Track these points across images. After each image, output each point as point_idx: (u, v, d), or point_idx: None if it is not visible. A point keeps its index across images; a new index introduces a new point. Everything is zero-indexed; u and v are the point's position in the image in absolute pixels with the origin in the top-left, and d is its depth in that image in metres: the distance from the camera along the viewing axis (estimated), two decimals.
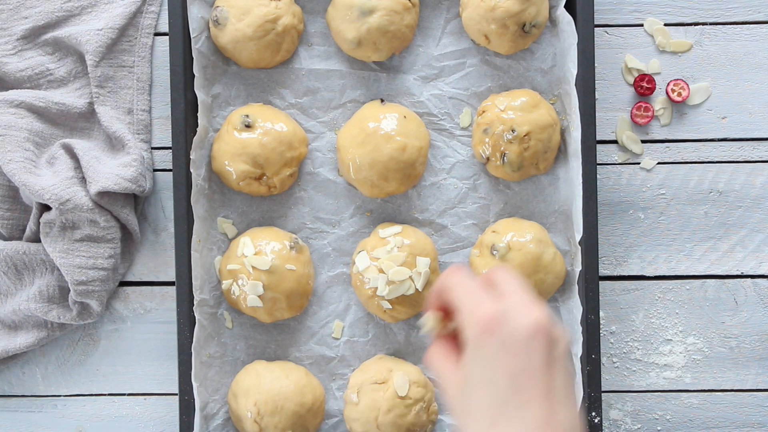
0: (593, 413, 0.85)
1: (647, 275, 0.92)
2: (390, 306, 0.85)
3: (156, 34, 0.93)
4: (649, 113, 0.92)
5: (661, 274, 0.92)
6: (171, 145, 0.87)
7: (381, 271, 0.84)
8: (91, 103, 0.92)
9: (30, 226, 0.90)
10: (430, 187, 0.89)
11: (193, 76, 0.86)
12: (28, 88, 0.92)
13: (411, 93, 0.90)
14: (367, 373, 0.86)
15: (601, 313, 0.92)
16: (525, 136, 0.85)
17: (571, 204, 0.87)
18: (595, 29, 0.90)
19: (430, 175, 0.89)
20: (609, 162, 0.92)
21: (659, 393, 0.92)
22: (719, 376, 0.92)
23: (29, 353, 0.92)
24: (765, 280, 0.92)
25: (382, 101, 0.89)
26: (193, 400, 0.85)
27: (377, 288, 0.84)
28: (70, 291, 0.88)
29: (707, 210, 0.92)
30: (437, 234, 0.89)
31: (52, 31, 0.92)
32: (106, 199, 0.87)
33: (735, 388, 0.92)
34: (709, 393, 0.92)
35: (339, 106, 0.90)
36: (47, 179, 0.86)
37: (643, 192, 0.92)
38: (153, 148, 0.93)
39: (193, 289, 0.86)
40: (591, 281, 0.85)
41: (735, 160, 0.92)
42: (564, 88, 0.87)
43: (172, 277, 0.92)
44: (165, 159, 0.93)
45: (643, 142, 0.92)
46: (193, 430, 0.85)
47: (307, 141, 0.89)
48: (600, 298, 0.87)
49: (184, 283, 0.86)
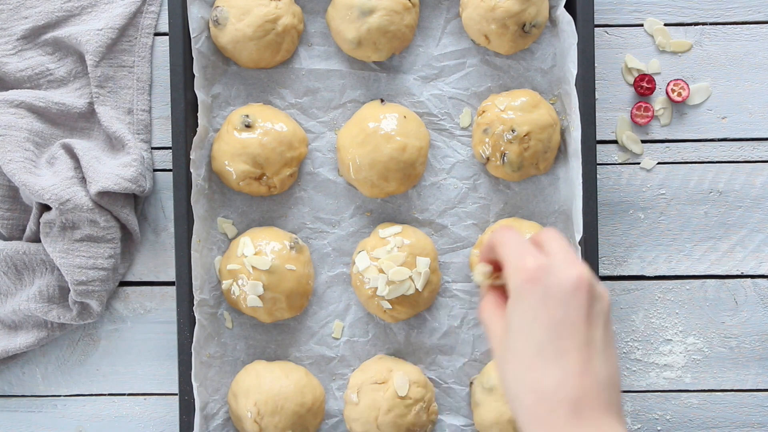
0: None
1: (647, 275, 0.92)
2: (390, 306, 0.85)
3: (156, 34, 0.93)
4: (649, 113, 0.92)
5: (661, 274, 0.92)
6: (171, 145, 0.87)
7: (381, 271, 0.84)
8: (91, 103, 0.92)
9: (30, 226, 0.90)
10: (430, 187, 0.89)
11: (193, 76, 0.86)
12: (28, 88, 0.92)
13: (411, 93, 0.90)
14: (367, 373, 0.86)
15: None
16: (525, 136, 0.85)
17: (571, 204, 0.87)
18: (595, 29, 0.90)
19: (430, 175, 0.89)
20: (609, 162, 0.92)
21: (659, 393, 0.92)
22: (719, 376, 0.92)
23: (29, 353, 0.92)
24: (765, 280, 0.92)
25: (382, 101, 0.89)
26: (193, 400, 0.85)
27: (377, 288, 0.84)
28: (70, 291, 0.88)
29: (707, 210, 0.92)
30: (437, 234, 0.89)
31: (52, 31, 0.92)
32: (106, 199, 0.87)
33: (735, 388, 0.92)
34: (709, 393, 0.92)
35: (339, 106, 0.90)
36: (47, 179, 0.86)
37: (643, 192, 0.92)
38: (153, 148, 0.93)
39: (193, 289, 0.86)
40: None
41: (735, 160, 0.92)
42: (564, 88, 0.87)
43: (172, 277, 0.92)
44: (165, 159, 0.93)
45: (643, 142, 0.92)
46: (193, 430, 0.85)
47: (307, 141, 0.89)
48: None
49: (184, 283, 0.86)
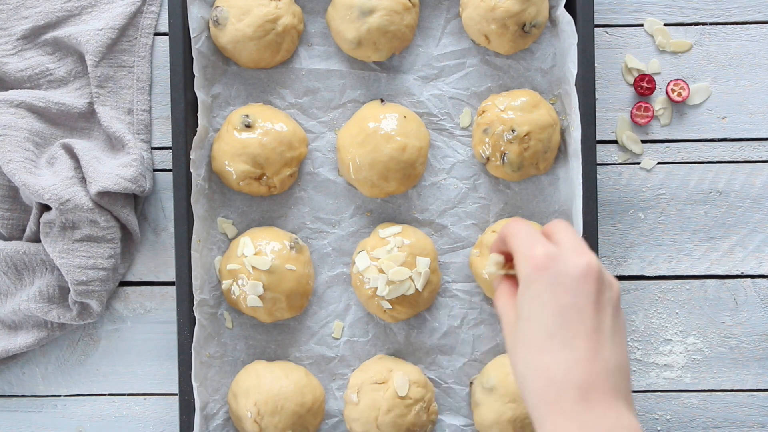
0: None
1: (647, 275, 0.92)
2: (390, 306, 0.85)
3: (156, 34, 0.93)
4: (649, 113, 0.92)
5: (661, 274, 0.92)
6: (171, 145, 0.87)
7: (381, 271, 0.84)
8: (91, 103, 0.92)
9: (30, 226, 0.90)
10: (430, 187, 0.89)
11: (193, 76, 0.86)
12: (28, 88, 0.92)
13: (411, 93, 0.90)
14: (367, 373, 0.86)
15: None
16: (525, 136, 0.85)
17: (571, 204, 0.87)
18: (595, 29, 0.90)
19: (430, 175, 0.89)
20: (609, 162, 0.92)
21: (659, 393, 0.92)
22: (719, 376, 0.92)
23: (29, 353, 0.92)
24: (765, 280, 0.92)
25: (382, 101, 0.89)
26: (193, 400, 0.85)
27: (377, 288, 0.84)
28: (70, 291, 0.88)
29: (707, 210, 0.92)
30: (437, 234, 0.89)
31: (52, 31, 0.92)
32: (106, 199, 0.87)
33: (735, 388, 0.92)
34: (709, 393, 0.92)
35: (339, 106, 0.90)
36: (47, 179, 0.86)
37: (643, 192, 0.92)
38: (153, 148, 0.93)
39: (193, 289, 0.86)
40: None
41: (735, 160, 0.92)
42: (564, 88, 0.87)
43: (172, 277, 0.92)
44: (165, 159, 0.93)
45: (643, 142, 0.92)
46: (193, 430, 0.85)
47: (307, 141, 0.89)
48: None
49: (184, 283, 0.86)
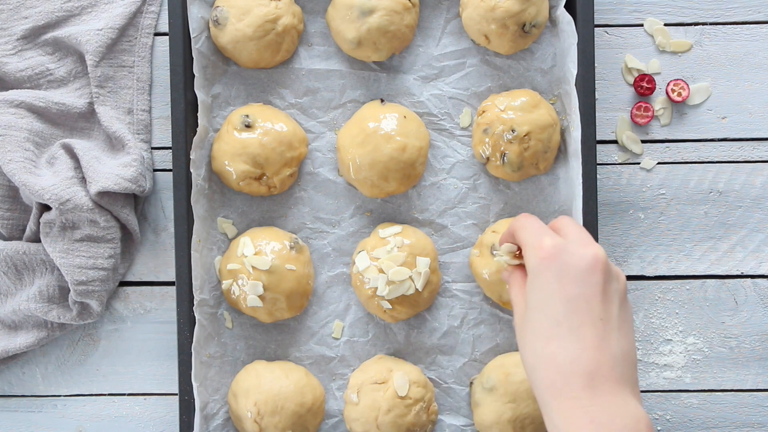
0: None
1: (647, 275, 0.92)
2: (390, 306, 0.85)
3: (156, 34, 0.93)
4: (649, 113, 0.92)
5: (661, 274, 0.92)
6: (171, 145, 0.87)
7: (381, 271, 0.84)
8: (91, 103, 0.92)
9: (30, 226, 0.90)
10: (430, 187, 0.89)
11: (193, 76, 0.86)
12: (28, 88, 0.92)
13: (411, 93, 0.90)
14: (367, 373, 0.86)
15: None
16: (525, 136, 0.85)
17: (571, 204, 0.87)
18: (595, 29, 0.90)
19: (430, 175, 0.89)
20: (609, 162, 0.92)
21: (659, 393, 0.92)
22: (719, 376, 0.92)
23: (29, 353, 0.92)
24: (765, 280, 0.92)
25: (382, 101, 0.89)
26: (193, 400, 0.85)
27: (377, 288, 0.84)
28: (70, 291, 0.88)
29: (707, 210, 0.92)
30: (437, 234, 0.89)
31: (52, 31, 0.92)
32: (106, 199, 0.87)
33: (735, 388, 0.92)
34: (709, 393, 0.92)
35: (339, 106, 0.90)
36: (47, 179, 0.86)
37: (643, 192, 0.92)
38: (153, 148, 0.93)
39: (193, 289, 0.86)
40: None
41: (735, 160, 0.92)
42: (564, 88, 0.87)
43: (172, 277, 0.92)
44: (165, 159, 0.93)
45: (643, 142, 0.92)
46: (193, 430, 0.85)
47: (307, 141, 0.89)
48: None
49: (184, 283, 0.86)
